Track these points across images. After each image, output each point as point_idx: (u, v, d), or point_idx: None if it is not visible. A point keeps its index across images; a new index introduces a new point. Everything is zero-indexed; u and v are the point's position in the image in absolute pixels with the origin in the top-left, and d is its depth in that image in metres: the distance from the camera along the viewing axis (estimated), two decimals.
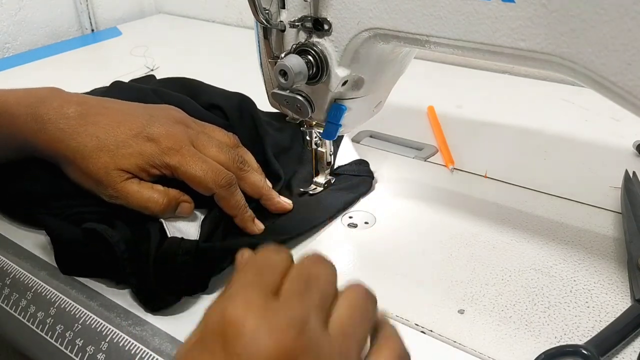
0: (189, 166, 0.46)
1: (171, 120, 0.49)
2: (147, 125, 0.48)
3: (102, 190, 0.47)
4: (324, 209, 0.51)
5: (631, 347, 0.37)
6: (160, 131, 0.48)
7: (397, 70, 0.49)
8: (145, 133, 0.47)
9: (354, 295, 0.31)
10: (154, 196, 0.46)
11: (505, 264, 0.45)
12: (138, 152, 0.46)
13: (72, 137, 0.47)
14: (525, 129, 0.68)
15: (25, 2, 1.05)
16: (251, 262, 0.31)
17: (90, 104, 0.50)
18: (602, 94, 0.33)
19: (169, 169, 0.47)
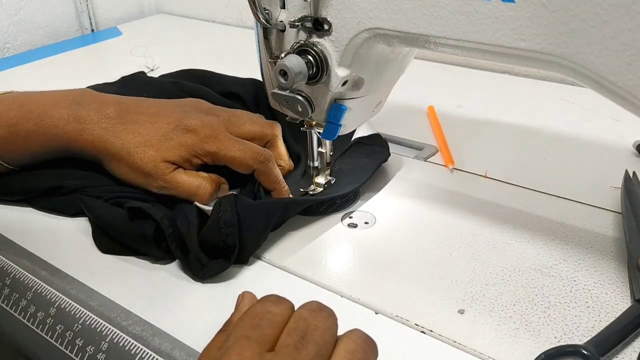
0: (228, 150, 0.49)
1: (203, 112, 0.53)
2: (182, 118, 0.51)
3: (151, 182, 0.49)
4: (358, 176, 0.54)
5: (631, 347, 0.37)
6: (197, 122, 0.50)
7: (397, 70, 0.49)
8: (183, 125, 0.50)
9: (352, 342, 0.31)
10: (203, 183, 0.49)
11: (505, 264, 0.45)
12: (180, 144, 0.49)
13: (116, 136, 0.50)
14: (525, 129, 0.68)
15: (25, 2, 1.05)
16: (250, 312, 0.31)
17: (127, 104, 0.53)
18: (602, 94, 0.33)
19: (210, 155, 0.50)
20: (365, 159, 0.56)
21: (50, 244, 0.49)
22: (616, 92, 0.32)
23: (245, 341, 0.29)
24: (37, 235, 0.50)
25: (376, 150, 0.57)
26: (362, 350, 0.31)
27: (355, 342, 0.31)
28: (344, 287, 0.43)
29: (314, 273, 0.45)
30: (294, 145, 0.58)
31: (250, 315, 0.31)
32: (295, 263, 0.46)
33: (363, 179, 0.53)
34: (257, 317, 0.31)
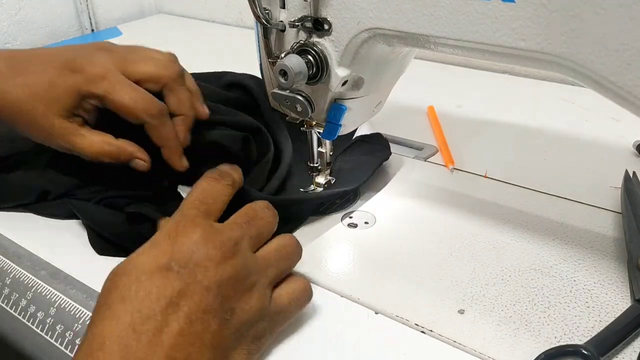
0: (117, 94, 0.45)
1: (95, 49, 0.48)
2: (70, 59, 0.46)
3: (52, 142, 0.46)
4: (358, 175, 0.53)
5: (631, 347, 0.37)
6: (84, 61, 0.46)
7: (397, 70, 0.49)
8: (70, 66, 0.46)
9: (284, 241, 0.39)
10: (107, 149, 0.46)
11: (505, 264, 0.45)
12: (65, 90, 0.45)
13: (7, 92, 0.45)
14: (525, 129, 0.68)
15: (25, 2, 1.05)
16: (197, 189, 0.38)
17: (19, 54, 0.48)
18: (602, 94, 0.33)
19: (97, 98, 0.45)
20: (365, 156, 0.56)
21: (51, 244, 0.49)
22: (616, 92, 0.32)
23: (192, 211, 0.36)
24: (37, 235, 0.50)
25: (377, 149, 0.57)
26: (290, 247, 0.39)
27: (286, 240, 0.39)
28: (344, 287, 0.43)
29: (314, 273, 0.45)
30: (282, 143, 0.56)
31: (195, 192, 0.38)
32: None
33: (364, 178, 0.53)
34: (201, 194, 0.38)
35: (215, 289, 0.33)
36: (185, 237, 0.34)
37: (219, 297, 0.33)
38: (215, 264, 0.34)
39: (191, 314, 0.32)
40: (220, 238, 0.35)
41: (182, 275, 0.33)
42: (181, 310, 0.32)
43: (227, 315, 0.34)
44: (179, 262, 0.33)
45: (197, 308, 0.32)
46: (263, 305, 0.36)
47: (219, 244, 0.35)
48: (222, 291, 0.34)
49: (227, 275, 0.34)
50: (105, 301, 0.32)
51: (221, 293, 0.34)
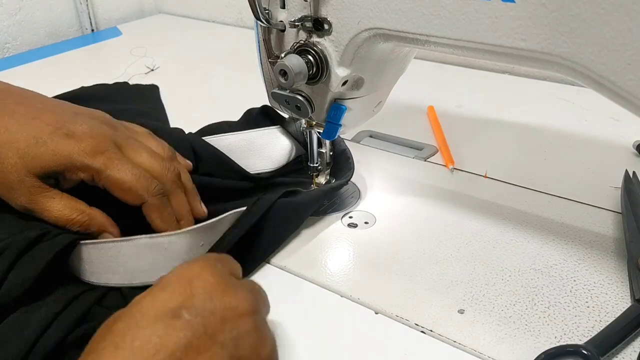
0: (116, 169, 0.40)
1: (97, 120, 0.43)
2: (68, 121, 0.41)
3: (14, 197, 0.40)
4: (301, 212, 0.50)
5: (631, 347, 0.37)
6: (83, 129, 0.41)
7: (397, 70, 0.49)
8: (65, 129, 0.40)
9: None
10: (76, 217, 0.40)
11: (505, 264, 0.45)
12: (53, 152, 0.39)
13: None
14: (525, 129, 0.68)
15: (25, 2, 1.05)
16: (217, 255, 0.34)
17: (10, 92, 0.44)
18: (602, 94, 0.33)
19: (91, 171, 0.40)
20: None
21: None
22: (616, 92, 0.32)
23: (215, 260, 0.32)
24: None
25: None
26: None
27: None
28: (344, 287, 0.43)
29: (314, 273, 0.45)
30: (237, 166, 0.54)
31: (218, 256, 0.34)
32: (295, 263, 0.46)
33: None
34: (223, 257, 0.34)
35: (231, 347, 0.28)
36: (202, 281, 0.29)
37: (233, 358, 0.28)
38: (237, 317, 0.29)
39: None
40: (244, 290, 0.31)
41: (193, 325, 0.27)
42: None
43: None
44: (190, 309, 0.28)
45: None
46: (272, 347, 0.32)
47: (243, 295, 0.30)
48: (239, 352, 0.28)
49: (248, 335, 0.29)
50: (95, 347, 0.27)
51: (238, 354, 0.28)
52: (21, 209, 0.40)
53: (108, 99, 0.58)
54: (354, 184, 0.56)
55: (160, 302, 0.28)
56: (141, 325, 0.27)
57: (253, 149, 0.55)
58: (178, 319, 0.28)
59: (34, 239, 0.38)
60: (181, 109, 0.77)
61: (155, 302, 0.28)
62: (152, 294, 0.29)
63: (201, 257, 0.32)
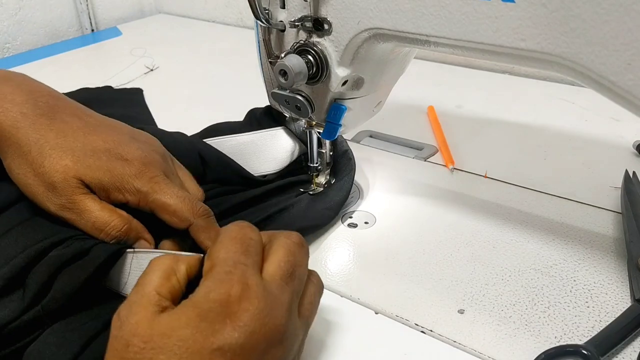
0: (163, 193, 0.41)
1: (152, 148, 0.44)
2: (124, 143, 0.42)
3: (52, 198, 0.39)
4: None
5: (631, 347, 0.37)
6: (137, 153, 0.42)
7: (397, 70, 0.49)
8: (120, 150, 0.41)
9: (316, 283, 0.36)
10: (115, 222, 0.40)
11: (505, 264, 0.45)
12: (106, 168, 0.40)
13: (34, 128, 0.40)
14: (525, 129, 0.68)
15: (25, 2, 1.05)
16: (233, 237, 0.33)
17: (65, 102, 0.43)
18: (602, 94, 0.33)
19: (138, 195, 0.40)
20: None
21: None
22: (616, 92, 0.32)
23: (242, 268, 0.31)
24: None
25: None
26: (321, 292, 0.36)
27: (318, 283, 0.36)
28: (344, 287, 0.43)
29: None
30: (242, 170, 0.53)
31: (234, 239, 0.33)
32: None
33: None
34: (241, 241, 0.32)
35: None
36: (242, 311, 0.29)
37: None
38: (271, 346, 0.29)
39: None
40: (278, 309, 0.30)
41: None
42: None
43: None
44: (233, 347, 0.28)
45: None
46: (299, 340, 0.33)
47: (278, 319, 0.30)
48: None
49: (279, 357, 0.30)
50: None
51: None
52: (57, 211, 0.39)
53: (91, 104, 0.57)
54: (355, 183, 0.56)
55: (202, 335, 0.28)
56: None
57: (257, 150, 0.55)
58: (223, 357, 0.28)
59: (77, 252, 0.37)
60: (181, 109, 0.77)
61: (196, 334, 0.28)
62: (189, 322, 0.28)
63: (228, 269, 0.30)
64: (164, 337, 0.28)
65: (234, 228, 0.34)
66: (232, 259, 0.31)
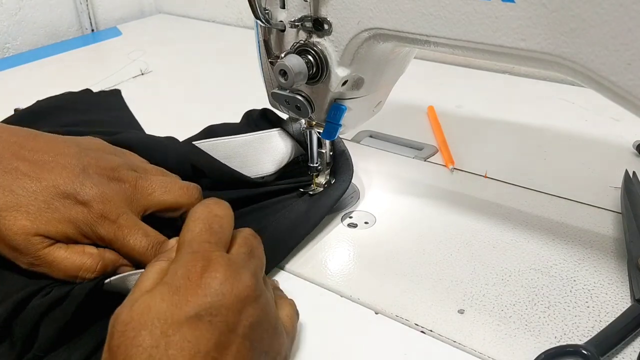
0: (126, 239, 0.39)
1: (106, 176, 0.41)
2: (77, 182, 0.39)
3: (18, 257, 0.38)
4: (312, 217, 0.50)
5: (631, 347, 0.37)
6: (93, 193, 0.39)
7: (397, 70, 0.49)
8: (76, 194, 0.39)
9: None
10: (87, 263, 0.38)
11: (505, 264, 0.45)
12: (65, 219, 0.38)
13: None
14: (526, 129, 0.68)
15: (25, 2, 1.05)
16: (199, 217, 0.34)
17: (8, 142, 0.40)
18: (602, 94, 0.33)
19: (103, 241, 0.39)
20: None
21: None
22: (616, 92, 0.32)
23: (206, 245, 0.33)
24: None
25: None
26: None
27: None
28: (344, 287, 0.43)
29: (314, 273, 0.45)
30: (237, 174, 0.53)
31: (200, 220, 0.34)
32: (295, 263, 0.46)
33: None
34: (207, 221, 0.34)
35: (249, 334, 0.30)
36: (210, 279, 0.30)
37: (254, 343, 0.30)
38: (246, 305, 0.31)
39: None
40: (244, 274, 0.32)
41: (215, 324, 0.29)
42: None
43: (262, 359, 0.31)
44: (208, 310, 0.29)
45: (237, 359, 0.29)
46: (285, 338, 0.34)
47: (246, 282, 0.31)
48: (255, 335, 0.31)
49: (258, 317, 0.31)
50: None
51: (255, 337, 0.31)
52: (28, 267, 0.38)
53: (72, 109, 0.56)
54: (353, 184, 0.56)
55: (177, 307, 0.29)
56: (169, 333, 0.28)
57: (254, 152, 0.54)
58: (201, 321, 0.29)
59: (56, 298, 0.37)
60: (181, 109, 0.77)
61: (171, 307, 0.29)
62: (166, 298, 0.29)
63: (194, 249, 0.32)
64: (142, 315, 0.29)
65: (199, 209, 0.35)
66: (196, 240, 0.33)
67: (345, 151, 0.55)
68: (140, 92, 0.83)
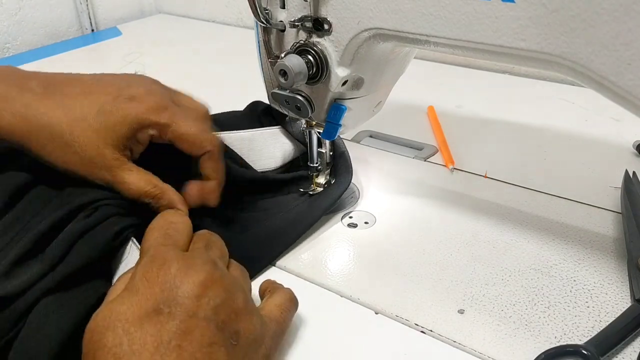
0: (182, 122, 0.42)
1: (149, 82, 0.46)
2: (125, 87, 0.43)
3: (94, 172, 0.41)
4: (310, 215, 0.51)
5: (631, 347, 0.37)
6: (141, 90, 0.43)
7: (397, 70, 0.49)
8: (126, 94, 0.42)
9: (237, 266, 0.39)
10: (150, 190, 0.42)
11: (505, 264, 0.45)
12: (122, 117, 0.41)
13: (42, 112, 0.40)
14: (526, 129, 0.68)
15: (25, 2, 1.05)
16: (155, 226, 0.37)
17: (54, 76, 0.45)
18: (602, 94, 0.33)
19: (159, 127, 0.42)
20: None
21: None
22: (616, 92, 0.32)
23: (162, 248, 0.34)
24: None
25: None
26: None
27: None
28: (344, 287, 0.43)
29: (314, 273, 0.45)
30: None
31: (156, 229, 0.37)
32: (295, 263, 0.46)
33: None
34: (163, 229, 0.36)
35: (212, 316, 0.31)
36: (163, 274, 0.31)
37: (219, 324, 0.31)
38: (204, 289, 0.31)
39: (196, 352, 0.29)
40: (198, 263, 0.33)
41: (175, 314, 0.30)
42: (185, 351, 0.29)
43: (233, 340, 0.31)
44: (166, 302, 0.30)
45: (201, 343, 0.29)
46: (262, 320, 0.34)
47: (200, 268, 0.32)
48: (220, 317, 0.31)
49: (220, 299, 0.32)
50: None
51: (220, 319, 0.31)
52: (100, 182, 0.41)
53: None
54: (353, 184, 0.56)
55: (137, 306, 0.30)
56: (131, 331, 0.29)
57: (255, 148, 0.55)
58: (160, 314, 0.30)
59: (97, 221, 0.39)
60: None
61: (132, 306, 0.30)
62: (125, 301, 0.31)
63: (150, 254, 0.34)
64: (105, 320, 0.30)
65: (157, 219, 0.38)
66: (153, 247, 0.34)
67: (344, 151, 0.55)
68: None
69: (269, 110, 0.57)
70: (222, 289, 0.32)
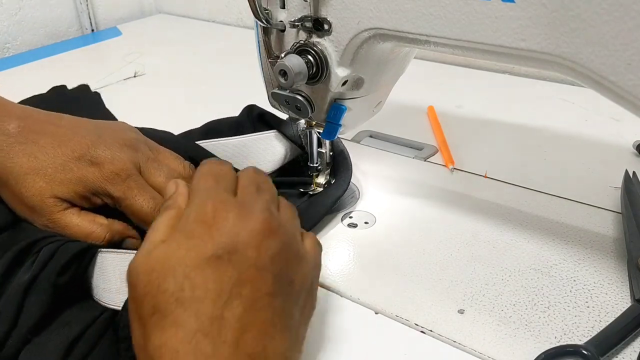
0: (135, 199, 0.42)
1: (119, 143, 0.45)
2: (92, 146, 0.43)
3: (35, 218, 0.42)
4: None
5: (631, 347, 0.37)
6: (105, 155, 0.43)
7: (397, 70, 0.49)
8: (89, 156, 0.43)
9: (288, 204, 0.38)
10: (96, 231, 0.42)
11: (505, 264, 0.45)
12: (78, 178, 0.42)
13: (9, 157, 0.42)
14: (526, 129, 0.68)
15: (25, 2, 1.05)
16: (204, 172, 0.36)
17: (34, 119, 0.45)
18: (602, 94, 0.33)
19: (112, 199, 0.43)
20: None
21: None
22: (616, 92, 0.32)
23: (214, 191, 0.33)
24: None
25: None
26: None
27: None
28: (344, 287, 0.43)
29: None
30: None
31: (205, 174, 0.35)
32: None
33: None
34: (212, 174, 0.35)
35: (270, 266, 0.31)
36: (222, 219, 0.31)
37: (276, 274, 0.31)
38: (263, 238, 0.31)
39: (256, 301, 0.30)
40: (255, 210, 0.32)
41: (234, 262, 0.30)
42: (246, 300, 0.29)
43: (288, 288, 0.32)
44: (225, 248, 0.30)
45: (260, 293, 0.30)
46: (309, 266, 0.35)
47: (258, 216, 0.32)
48: (276, 266, 0.31)
49: (278, 248, 0.32)
50: (154, 308, 0.29)
51: (277, 268, 0.31)
52: (42, 227, 0.42)
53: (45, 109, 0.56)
54: (353, 184, 0.56)
55: (195, 250, 0.30)
56: (192, 276, 0.29)
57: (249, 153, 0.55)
58: (220, 260, 0.30)
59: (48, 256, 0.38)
60: (180, 109, 0.77)
61: (189, 251, 0.30)
62: (182, 245, 0.30)
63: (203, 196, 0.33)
64: (163, 263, 0.29)
65: (205, 166, 0.37)
66: (204, 188, 0.34)
67: (344, 151, 0.55)
68: (139, 92, 0.83)
69: (262, 116, 0.57)
70: (278, 239, 0.32)
